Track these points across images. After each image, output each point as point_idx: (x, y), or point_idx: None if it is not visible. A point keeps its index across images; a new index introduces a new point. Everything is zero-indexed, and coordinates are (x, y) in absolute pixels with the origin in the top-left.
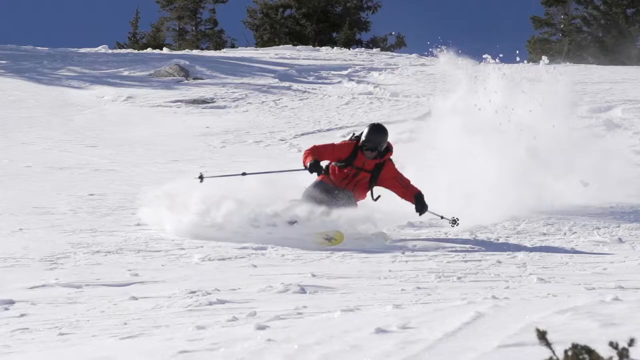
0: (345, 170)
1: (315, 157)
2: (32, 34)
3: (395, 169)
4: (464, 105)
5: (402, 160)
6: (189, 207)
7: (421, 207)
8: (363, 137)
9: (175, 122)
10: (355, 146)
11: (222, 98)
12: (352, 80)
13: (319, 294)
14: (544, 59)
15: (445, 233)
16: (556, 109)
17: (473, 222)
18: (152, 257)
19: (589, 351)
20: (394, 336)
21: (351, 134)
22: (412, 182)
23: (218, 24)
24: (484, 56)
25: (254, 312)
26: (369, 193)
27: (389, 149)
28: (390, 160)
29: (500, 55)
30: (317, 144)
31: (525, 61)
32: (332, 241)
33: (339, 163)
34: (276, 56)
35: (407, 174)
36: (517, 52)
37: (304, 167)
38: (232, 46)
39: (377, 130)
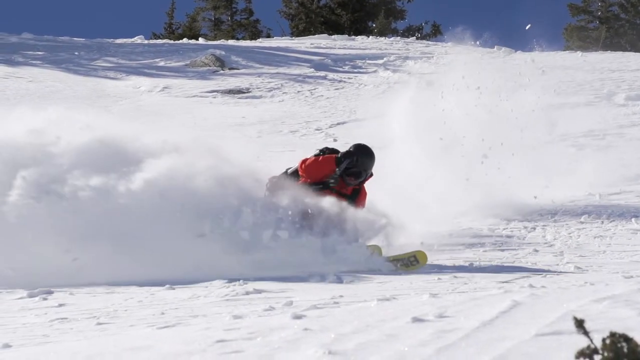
0: (324, 194)
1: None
2: (69, 25)
3: (365, 200)
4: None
5: None
6: None
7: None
8: (346, 163)
9: (211, 113)
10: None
11: (258, 88)
12: (388, 69)
13: (356, 283)
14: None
15: (481, 223)
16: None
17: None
18: None
19: (627, 339)
20: (431, 325)
21: (317, 152)
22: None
23: (253, 14)
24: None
25: (290, 302)
26: None
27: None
28: (364, 189)
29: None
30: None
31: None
32: (415, 265)
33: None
34: (312, 46)
35: None
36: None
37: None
38: (268, 36)
39: (366, 154)
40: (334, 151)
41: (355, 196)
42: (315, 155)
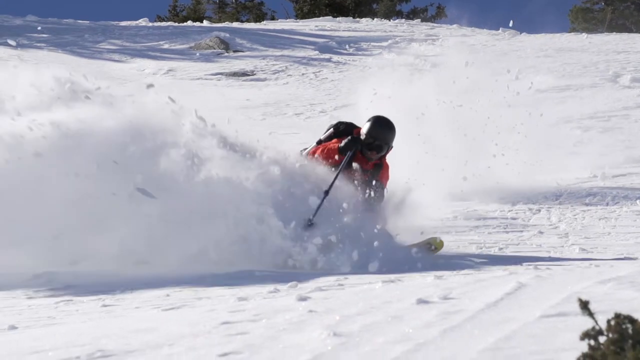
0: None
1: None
2: (73, 7)
3: (388, 177)
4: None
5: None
6: None
7: None
8: (365, 133)
9: (216, 95)
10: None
11: (262, 70)
12: (393, 51)
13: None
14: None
15: (487, 205)
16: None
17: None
18: None
19: (632, 320)
20: (435, 307)
21: (328, 128)
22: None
23: None
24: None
25: (295, 284)
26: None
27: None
28: (387, 163)
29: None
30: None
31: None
32: (433, 252)
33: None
34: (316, 28)
35: None
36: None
37: (347, 152)
38: (272, 18)
39: (385, 125)
40: (349, 126)
41: (378, 171)
42: (328, 134)
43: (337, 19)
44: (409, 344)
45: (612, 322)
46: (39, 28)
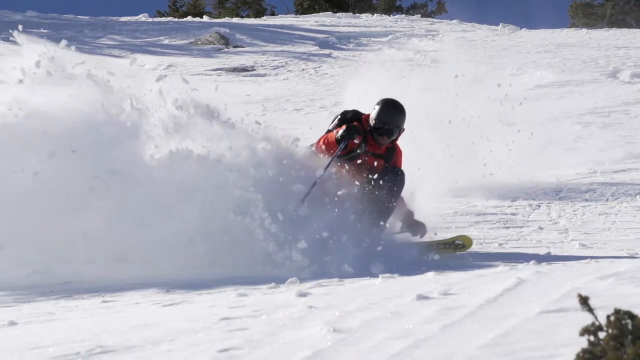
0: (359, 161)
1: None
2: (73, 3)
3: (402, 162)
4: None
5: None
6: None
7: (415, 229)
8: (375, 118)
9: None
10: (363, 130)
11: (262, 66)
12: (393, 47)
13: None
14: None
15: (486, 201)
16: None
17: (514, 187)
18: None
19: (632, 316)
20: (435, 302)
21: (335, 117)
22: None
23: None
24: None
25: (295, 280)
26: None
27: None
28: (399, 147)
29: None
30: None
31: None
32: (461, 249)
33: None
34: (316, 23)
35: None
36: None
37: (341, 142)
38: (272, 14)
39: (394, 108)
40: (356, 113)
41: (391, 156)
42: (335, 123)
43: (337, 14)
44: (409, 340)
45: (612, 318)
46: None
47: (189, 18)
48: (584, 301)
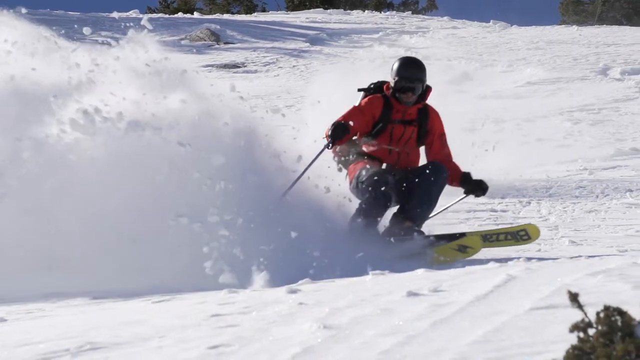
0: (386, 134)
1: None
2: None
3: (442, 124)
4: None
5: None
6: None
7: (477, 187)
8: (394, 76)
9: (206, 87)
10: (383, 97)
11: (253, 62)
12: (384, 44)
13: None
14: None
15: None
16: None
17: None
18: None
19: (621, 313)
20: (425, 299)
21: (362, 92)
22: None
23: None
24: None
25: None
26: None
27: (428, 86)
28: (433, 108)
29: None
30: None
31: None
32: (526, 240)
33: (369, 139)
34: (307, 20)
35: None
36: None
37: (327, 142)
38: (263, 10)
39: (411, 63)
40: (377, 84)
41: (425, 119)
42: (361, 97)
43: (328, 11)
44: (399, 337)
45: (602, 315)
46: None
47: (180, 14)
48: (574, 298)
